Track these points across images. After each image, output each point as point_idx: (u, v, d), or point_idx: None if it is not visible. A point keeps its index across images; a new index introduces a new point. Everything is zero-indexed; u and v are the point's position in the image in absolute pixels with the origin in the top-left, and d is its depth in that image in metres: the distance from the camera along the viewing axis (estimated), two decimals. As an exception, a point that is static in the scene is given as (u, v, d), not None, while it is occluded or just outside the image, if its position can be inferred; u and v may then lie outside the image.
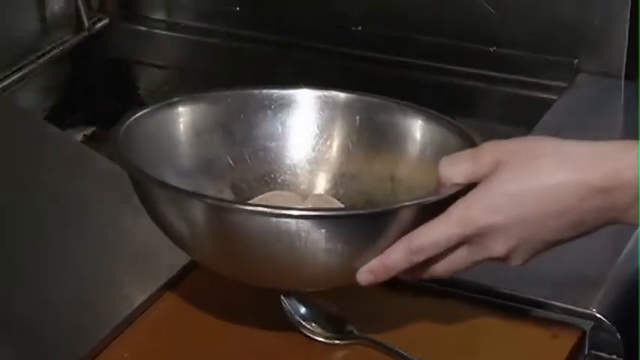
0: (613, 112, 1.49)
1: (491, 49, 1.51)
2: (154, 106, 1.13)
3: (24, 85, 1.50)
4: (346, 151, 1.16)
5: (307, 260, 0.97)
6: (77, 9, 1.60)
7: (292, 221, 0.95)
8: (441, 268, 0.99)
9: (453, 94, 1.21)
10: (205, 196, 1.01)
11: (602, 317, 1.11)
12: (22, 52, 1.54)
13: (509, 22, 1.53)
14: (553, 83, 1.49)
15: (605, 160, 0.98)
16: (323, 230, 0.95)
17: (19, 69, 1.52)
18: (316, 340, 1.04)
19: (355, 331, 1.04)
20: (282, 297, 1.05)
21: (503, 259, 0.98)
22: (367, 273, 0.98)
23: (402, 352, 1.01)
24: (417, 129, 1.14)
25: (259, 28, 1.60)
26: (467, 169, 0.98)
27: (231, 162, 1.15)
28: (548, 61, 1.50)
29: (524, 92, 1.50)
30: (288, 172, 1.17)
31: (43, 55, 1.56)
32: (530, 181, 0.97)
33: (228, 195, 1.12)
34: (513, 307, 1.12)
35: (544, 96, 1.47)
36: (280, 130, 1.17)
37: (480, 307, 1.11)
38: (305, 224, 0.96)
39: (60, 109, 1.53)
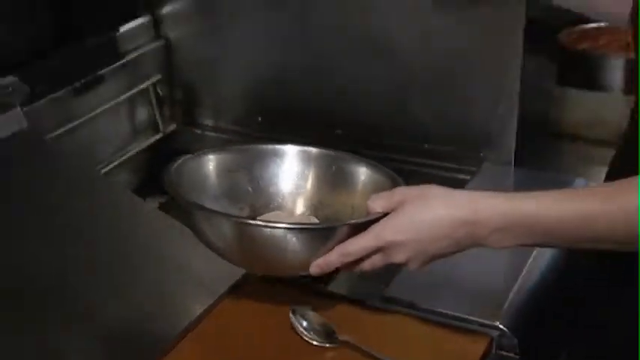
0: (506, 187, 1.44)
1: (426, 146, 1.49)
2: (194, 155, 1.13)
3: (122, 168, 1.49)
4: (319, 187, 1.14)
5: (287, 254, 0.99)
6: (155, 118, 1.60)
7: (281, 231, 0.98)
8: (363, 266, 0.99)
9: (400, 176, 1.18)
10: (232, 215, 1.07)
11: (504, 328, 1.06)
12: (120, 146, 1.52)
13: (436, 125, 1.48)
14: (467, 168, 1.46)
15: (472, 202, 0.96)
16: (296, 236, 0.98)
17: (119, 158, 1.50)
18: (313, 344, 1.01)
19: (340, 338, 1.01)
20: (290, 314, 1.04)
21: (405, 264, 0.97)
22: (315, 266, 0.99)
23: (373, 353, 0.99)
24: (362, 174, 1.13)
25: (272, 130, 1.56)
26: (384, 204, 0.98)
27: (250, 190, 1.13)
28: (462, 152, 1.47)
29: (446, 174, 1.45)
30: (282, 199, 1.15)
31: (134, 148, 1.54)
32: (423, 214, 0.96)
33: (247, 212, 1.12)
34: (444, 321, 1.07)
35: (460, 177, 1.43)
36: (278, 171, 1.15)
37: (422, 321, 1.07)
38: (287, 232, 0.99)
39: (143, 184, 1.50)
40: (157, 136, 1.60)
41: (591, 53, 1.71)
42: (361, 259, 0.98)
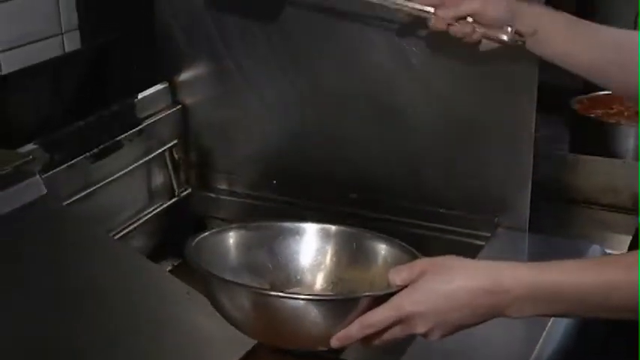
0: (520, 253, 1.45)
1: (440, 210, 1.48)
2: (215, 230, 1.14)
3: (137, 231, 1.49)
4: (339, 264, 1.13)
5: (306, 327, 0.98)
6: (171, 182, 1.60)
7: (301, 302, 0.98)
8: (384, 338, 0.97)
9: (414, 240, 1.18)
10: (253, 287, 1.05)
11: None
12: (136, 210, 1.52)
13: (450, 191, 1.48)
14: (481, 233, 1.46)
15: (494, 271, 0.96)
16: (317, 308, 0.97)
17: (135, 222, 1.51)
18: None
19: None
20: None
21: (425, 335, 0.96)
22: (336, 340, 0.97)
23: None
24: (382, 249, 1.12)
25: (287, 194, 1.57)
26: (404, 276, 0.96)
27: (270, 266, 1.12)
28: (476, 218, 1.47)
29: (461, 239, 1.46)
30: (302, 275, 1.14)
31: (149, 212, 1.54)
32: (443, 285, 0.95)
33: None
34: None
35: (475, 242, 1.44)
36: (297, 248, 1.14)
37: None
38: (308, 304, 0.97)
39: (158, 247, 1.50)
40: (172, 200, 1.60)
41: (604, 120, 1.73)
42: (382, 331, 0.97)
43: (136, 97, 1.52)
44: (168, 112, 1.59)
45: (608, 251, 1.40)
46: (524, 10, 1.25)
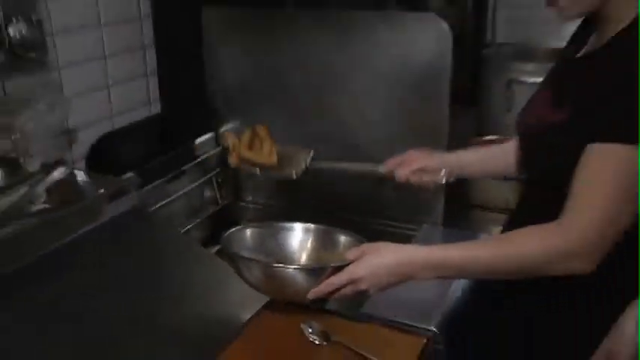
0: (437, 240, 1.40)
1: (387, 213, 1.46)
2: (240, 227, 1.18)
3: (194, 228, 1.47)
4: (317, 248, 1.16)
5: (295, 286, 1.01)
6: (216, 196, 1.56)
7: (292, 271, 1.01)
8: (342, 293, 0.98)
9: (368, 233, 1.16)
10: (261, 261, 1.09)
11: (435, 330, 1.06)
12: (194, 214, 1.49)
13: (394, 202, 1.46)
14: (412, 227, 1.43)
15: (407, 252, 0.97)
16: (300, 274, 1.00)
17: (193, 222, 1.49)
18: (316, 343, 1.01)
19: (333, 339, 1.02)
20: (301, 324, 1.04)
21: (366, 290, 0.97)
22: (311, 294, 1.00)
23: (353, 348, 0.99)
24: (343, 239, 1.14)
25: (291, 204, 1.55)
26: (354, 254, 0.98)
27: (274, 249, 1.15)
28: (410, 218, 1.44)
29: (400, 231, 1.43)
30: (294, 255, 1.16)
31: (203, 215, 1.53)
32: (377, 259, 0.96)
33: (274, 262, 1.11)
34: (400, 327, 1.07)
35: (408, 233, 1.41)
36: (291, 238, 1.17)
37: (385, 326, 1.07)
38: (295, 272, 1.01)
39: (208, 239, 1.47)
40: (217, 208, 1.57)
41: None
42: (340, 288, 0.98)
43: (194, 142, 1.50)
44: (214, 151, 1.56)
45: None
46: (451, 158, 1.24)
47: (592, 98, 0.87)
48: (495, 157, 1.20)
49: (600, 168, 0.84)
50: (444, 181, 1.22)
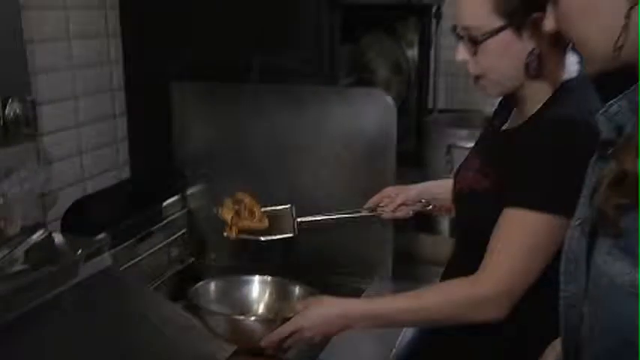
0: (387, 291, 1.45)
1: (342, 270, 1.49)
2: (205, 281, 1.24)
3: (162, 284, 1.50)
4: (273, 299, 1.25)
5: (253, 334, 1.09)
6: (182, 255, 1.58)
7: (249, 321, 1.11)
8: (289, 342, 1.05)
9: (328, 286, 1.24)
10: (223, 313, 1.17)
11: None
12: (162, 271, 1.52)
13: (348, 258, 1.50)
14: (365, 280, 1.49)
15: (344, 305, 1.06)
16: (256, 324, 1.10)
17: (161, 278, 1.50)
18: None
19: None
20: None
21: (310, 338, 1.04)
22: (263, 342, 1.07)
23: None
24: (296, 290, 1.23)
25: (249, 262, 1.52)
26: (301, 306, 1.07)
27: (236, 300, 1.23)
28: (363, 272, 1.51)
29: (354, 285, 1.46)
30: (253, 306, 1.24)
31: (169, 272, 1.54)
32: (318, 311, 1.05)
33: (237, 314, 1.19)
34: None
35: (362, 286, 1.46)
36: (251, 290, 1.26)
37: None
38: (252, 322, 1.11)
39: (174, 294, 1.46)
40: (182, 266, 1.58)
41: (432, 214, 1.64)
42: (287, 337, 1.06)
43: (161, 205, 1.54)
44: (180, 213, 1.59)
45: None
46: (425, 188, 1.35)
47: (511, 170, 1.00)
48: None
49: (511, 230, 0.97)
50: (429, 208, 1.32)
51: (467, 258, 1.09)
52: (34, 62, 1.36)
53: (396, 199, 1.32)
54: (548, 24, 0.76)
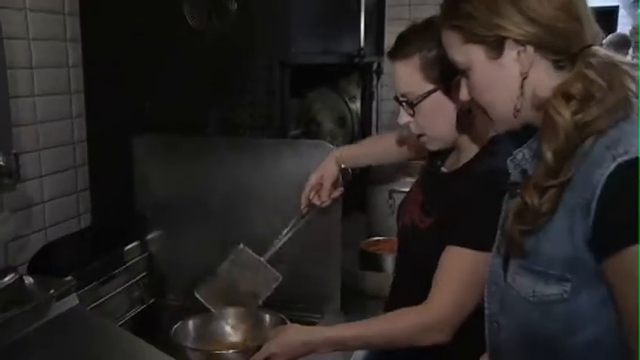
0: (339, 322, 1.47)
1: (298, 306, 1.51)
2: (183, 321, 1.26)
3: (125, 324, 1.52)
4: (245, 330, 1.28)
5: None
6: (143, 296, 1.62)
7: (228, 354, 1.15)
8: None
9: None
10: (200, 349, 1.21)
11: None
12: (123, 312, 1.56)
13: (302, 296, 1.55)
14: (318, 315, 1.55)
15: (309, 332, 1.16)
16: (234, 356, 1.14)
17: (124, 319, 1.54)
18: None
19: None
20: None
21: None
22: None
23: None
24: (268, 319, 1.27)
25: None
26: (273, 334, 1.15)
27: (208, 335, 1.26)
28: (316, 307, 1.57)
29: (307, 319, 1.51)
30: (227, 337, 1.28)
31: (132, 313, 1.58)
32: (286, 338, 1.13)
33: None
34: None
35: (314, 320, 1.52)
36: (222, 325, 1.29)
37: None
38: (230, 354, 1.15)
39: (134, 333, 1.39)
40: (144, 306, 1.63)
41: (377, 253, 1.88)
42: None
43: (123, 249, 1.59)
44: (140, 257, 1.64)
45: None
46: (343, 154, 1.39)
47: (450, 210, 1.12)
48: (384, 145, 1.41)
49: (452, 266, 1.09)
50: (350, 174, 1.38)
51: (408, 285, 1.21)
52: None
53: (325, 183, 1.35)
54: (462, 95, 0.95)
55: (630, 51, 4.18)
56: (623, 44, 4.03)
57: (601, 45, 0.84)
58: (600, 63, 0.80)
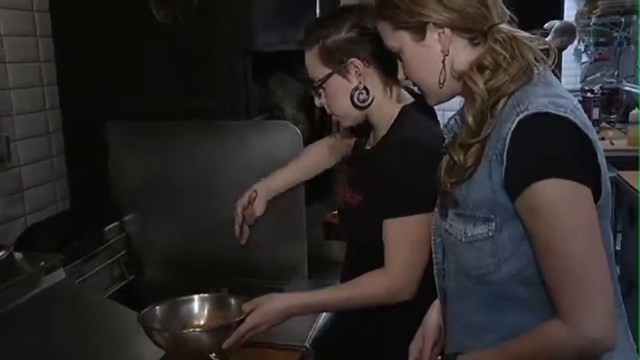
0: (304, 289, 1.54)
1: (264, 272, 1.63)
2: (151, 306, 1.22)
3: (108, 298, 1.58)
4: (214, 311, 1.24)
5: (206, 345, 1.12)
6: (123, 273, 1.69)
7: (197, 333, 1.14)
8: (247, 337, 1.16)
9: (252, 291, 1.31)
10: (168, 329, 1.18)
11: (307, 346, 1.32)
12: (106, 287, 1.64)
13: (270, 263, 1.63)
14: (284, 282, 1.61)
15: (288, 299, 1.20)
16: (206, 335, 1.13)
17: (108, 293, 1.60)
18: None
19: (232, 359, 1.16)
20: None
21: (263, 331, 1.18)
22: (225, 345, 1.14)
23: None
24: (233, 300, 1.24)
25: (187, 276, 1.67)
26: (250, 307, 1.18)
27: (180, 318, 1.22)
28: (284, 275, 1.63)
29: (275, 286, 1.56)
30: (195, 320, 1.24)
31: (113, 288, 1.66)
32: (267, 307, 1.17)
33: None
34: (283, 346, 1.29)
35: (282, 287, 1.57)
36: (192, 308, 1.25)
37: (273, 348, 1.29)
38: (201, 334, 1.14)
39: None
40: (124, 282, 1.70)
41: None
42: (246, 334, 1.16)
43: (103, 230, 1.67)
44: (119, 237, 1.72)
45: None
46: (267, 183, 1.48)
47: (376, 187, 1.21)
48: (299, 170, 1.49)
49: (396, 236, 1.19)
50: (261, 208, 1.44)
51: (356, 258, 1.32)
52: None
53: (255, 201, 1.46)
54: (399, 74, 1.10)
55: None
56: (569, 32, 4.22)
57: (509, 23, 0.98)
58: (505, 38, 0.95)
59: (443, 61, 0.97)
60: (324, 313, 1.43)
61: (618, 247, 2.96)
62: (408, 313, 1.21)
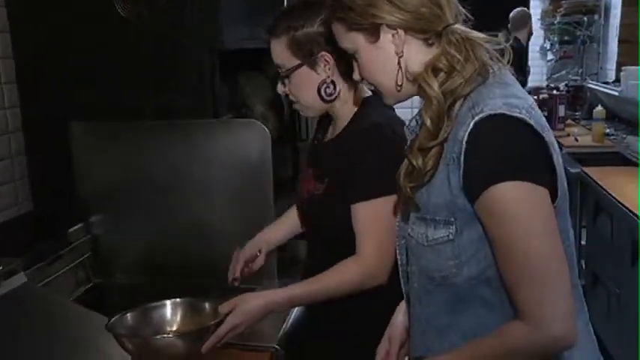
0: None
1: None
2: (121, 314, 1.20)
3: (73, 301, 1.54)
4: (187, 317, 1.22)
5: (183, 349, 1.10)
6: (89, 275, 1.69)
7: (171, 338, 1.13)
8: (225, 339, 1.15)
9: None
10: (140, 335, 1.15)
11: (276, 346, 1.32)
12: (70, 290, 1.60)
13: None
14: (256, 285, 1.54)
15: (261, 298, 1.18)
16: (181, 340, 1.11)
17: (73, 296, 1.57)
18: None
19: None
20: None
21: (243, 331, 1.16)
22: (204, 348, 1.12)
23: None
24: (207, 305, 1.21)
25: (155, 280, 1.65)
26: (227, 308, 1.16)
27: (152, 326, 1.20)
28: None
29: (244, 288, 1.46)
30: (170, 325, 1.22)
31: (78, 292, 1.64)
32: (245, 307, 1.16)
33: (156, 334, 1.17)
34: (255, 348, 1.30)
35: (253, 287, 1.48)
36: (165, 313, 1.23)
37: (244, 349, 1.30)
38: (176, 338, 1.12)
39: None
40: (90, 285, 1.69)
41: None
42: (224, 336, 1.15)
43: (67, 232, 1.64)
44: (84, 238, 1.70)
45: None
46: (261, 239, 1.45)
47: (341, 174, 1.22)
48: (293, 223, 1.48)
49: (365, 219, 1.19)
50: (262, 262, 1.42)
51: (321, 254, 1.30)
52: None
53: (237, 265, 1.41)
54: (355, 75, 1.07)
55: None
56: (523, 19, 4.28)
57: (464, 22, 0.97)
58: (459, 39, 0.94)
59: (398, 63, 0.97)
60: (294, 312, 1.44)
61: (583, 242, 3.03)
62: (376, 305, 1.21)
